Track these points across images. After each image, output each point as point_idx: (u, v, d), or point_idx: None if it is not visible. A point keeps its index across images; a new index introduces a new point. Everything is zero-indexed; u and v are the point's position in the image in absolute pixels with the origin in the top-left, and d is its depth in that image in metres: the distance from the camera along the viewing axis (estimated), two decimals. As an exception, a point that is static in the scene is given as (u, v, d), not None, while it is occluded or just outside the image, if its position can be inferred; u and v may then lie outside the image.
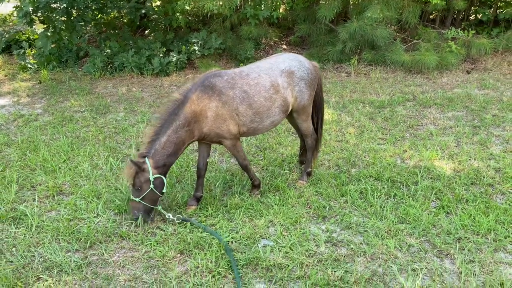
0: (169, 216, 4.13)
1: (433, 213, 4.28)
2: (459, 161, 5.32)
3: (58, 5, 9.06)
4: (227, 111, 4.11)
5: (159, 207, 4.19)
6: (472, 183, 4.86)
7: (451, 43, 9.31)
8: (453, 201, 4.46)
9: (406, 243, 3.88)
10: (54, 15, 9.20)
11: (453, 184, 4.80)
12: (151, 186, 3.95)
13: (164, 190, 4.09)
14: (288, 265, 3.61)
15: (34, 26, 10.74)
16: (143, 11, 10.74)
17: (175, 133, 3.98)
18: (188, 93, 4.07)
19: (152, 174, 3.92)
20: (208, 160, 4.51)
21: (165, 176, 4.07)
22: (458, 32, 9.37)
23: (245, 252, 3.75)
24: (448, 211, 4.34)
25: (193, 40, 9.91)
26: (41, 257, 3.77)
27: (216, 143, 4.40)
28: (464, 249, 3.79)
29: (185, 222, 4.16)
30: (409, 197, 4.58)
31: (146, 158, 3.94)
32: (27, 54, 10.37)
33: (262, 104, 4.25)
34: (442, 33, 9.86)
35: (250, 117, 4.23)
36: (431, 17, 11.20)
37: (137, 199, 4.00)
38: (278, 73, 4.39)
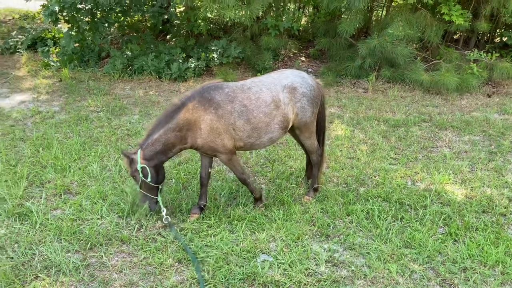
0: (163, 211, 4.22)
1: (440, 240, 4.17)
2: (472, 187, 5.18)
3: (84, 5, 9.26)
4: (223, 125, 4.08)
5: (159, 198, 4.29)
6: (483, 211, 4.72)
7: (473, 65, 9.15)
8: (462, 229, 4.34)
9: (409, 269, 3.78)
10: (79, 15, 9.40)
11: (463, 211, 4.67)
12: (140, 175, 4.10)
13: (149, 180, 4.11)
14: (286, 283, 3.55)
15: (59, 25, 11.00)
16: (166, 16, 10.89)
17: (165, 134, 4.07)
18: (186, 100, 4.10)
19: (140, 164, 4.07)
20: (210, 170, 4.49)
21: (158, 169, 4.20)
22: (480, 54, 9.20)
23: (243, 266, 3.71)
24: (456, 238, 4.21)
25: (213, 48, 9.98)
26: (41, 255, 3.80)
27: (212, 156, 4.39)
28: (469, 280, 3.67)
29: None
30: (416, 221, 4.47)
31: (139, 150, 4.11)
32: (51, 52, 10.60)
33: (261, 120, 4.20)
34: (465, 55, 9.70)
35: (248, 132, 4.19)
36: (455, 37, 11.04)
37: (137, 188, 4.24)
38: (280, 88, 4.33)
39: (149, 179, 4.13)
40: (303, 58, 11.08)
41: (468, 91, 9.05)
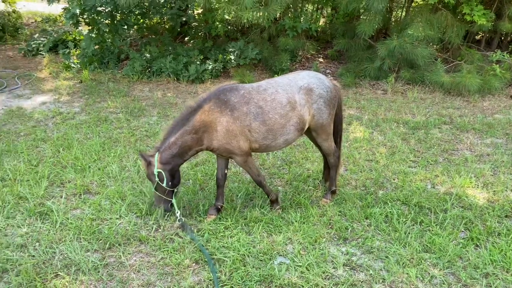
0: (177, 213, 4.25)
1: (461, 245, 4.08)
2: (494, 191, 5.07)
3: (104, 8, 9.41)
4: (238, 127, 4.07)
5: (174, 201, 4.29)
6: (506, 216, 4.60)
7: (496, 66, 8.95)
8: (484, 234, 4.24)
9: (429, 273, 3.71)
10: (99, 17, 9.55)
11: (485, 215, 4.56)
12: (156, 179, 4.15)
13: (164, 184, 4.14)
14: (303, 286, 3.52)
15: (80, 28, 11.20)
16: (184, 18, 10.98)
17: (182, 137, 4.09)
18: (202, 103, 4.11)
19: (156, 168, 4.11)
20: (226, 171, 4.49)
21: (174, 173, 4.21)
22: (503, 55, 8.99)
23: (259, 268, 3.70)
24: (477, 243, 4.12)
25: (230, 49, 10.01)
26: (61, 254, 3.86)
27: (228, 158, 4.38)
28: (491, 286, 3.58)
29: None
30: (436, 225, 4.39)
31: (156, 153, 4.14)
32: (71, 54, 10.80)
33: (277, 121, 4.17)
34: (487, 55, 9.50)
35: (263, 134, 4.17)
36: (477, 38, 10.83)
37: (153, 189, 4.28)
38: (296, 89, 4.30)
39: (164, 184, 4.15)
40: (321, 59, 11.03)
41: (490, 93, 8.86)
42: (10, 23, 13.86)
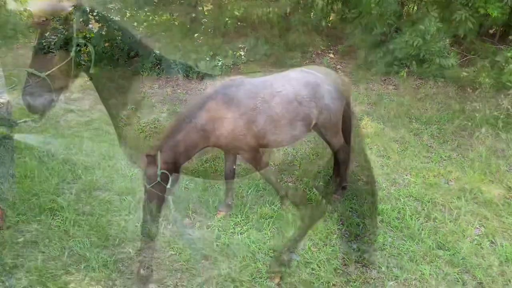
0: (171, 209, 4.11)
1: (476, 241, 4.00)
2: (510, 187, 4.95)
3: (114, 5, 9.42)
4: (245, 123, 3.97)
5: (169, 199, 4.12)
6: (522, 212, 4.50)
7: (511, 60, 8.75)
8: (499, 230, 4.14)
9: (443, 271, 3.64)
10: (109, 15, 9.57)
11: (500, 212, 4.46)
12: (158, 179, 3.87)
13: (168, 185, 3.95)
14: (314, 283, 3.48)
15: (90, 25, 11.23)
16: (194, 15, 10.94)
17: (188, 134, 3.90)
18: (207, 99, 4.00)
19: (159, 169, 3.83)
20: (235, 167, 4.44)
21: (176, 173, 4.02)
22: (519, 49, 8.79)
23: (270, 265, 3.66)
24: (493, 240, 4.03)
25: (240, 46, 9.96)
26: (71, 250, 3.86)
27: (236, 154, 4.31)
28: (507, 284, 3.49)
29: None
30: (450, 221, 4.30)
31: (158, 152, 3.88)
32: (82, 51, 10.83)
33: (284, 117, 4.07)
34: (502, 49, 9.30)
35: (270, 130, 4.07)
36: (491, 31, 10.62)
37: (148, 186, 3.96)
38: (303, 84, 4.20)
39: (168, 185, 3.91)
40: (331, 55, 10.91)
41: (505, 87, 8.66)
42: (22, 21, 13.96)
